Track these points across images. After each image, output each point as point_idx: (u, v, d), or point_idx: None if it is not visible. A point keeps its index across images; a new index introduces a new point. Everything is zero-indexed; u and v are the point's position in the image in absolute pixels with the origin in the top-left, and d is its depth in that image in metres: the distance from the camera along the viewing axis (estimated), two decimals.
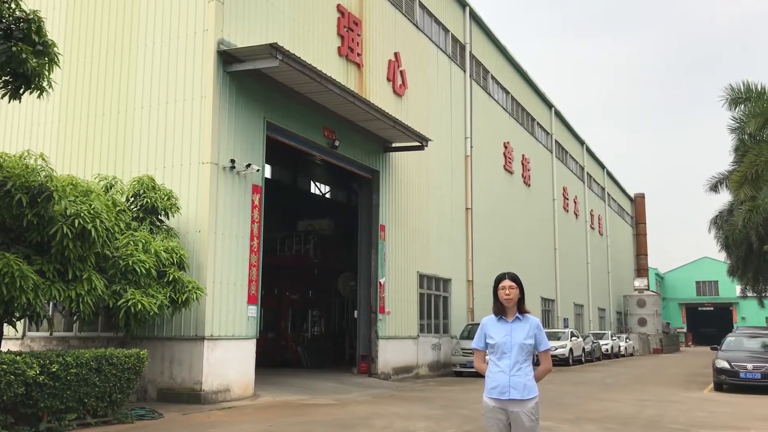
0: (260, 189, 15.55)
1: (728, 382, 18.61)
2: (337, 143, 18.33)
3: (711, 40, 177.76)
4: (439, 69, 25.86)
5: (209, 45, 14.43)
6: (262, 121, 15.75)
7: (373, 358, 20.07)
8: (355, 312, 21.37)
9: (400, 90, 22.36)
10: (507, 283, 5.06)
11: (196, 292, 12.60)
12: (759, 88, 21.69)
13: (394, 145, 21.17)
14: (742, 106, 22.60)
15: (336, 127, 18.45)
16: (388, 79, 21.71)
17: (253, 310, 15.02)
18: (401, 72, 22.50)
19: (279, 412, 12.71)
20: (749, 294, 57.25)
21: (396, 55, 22.23)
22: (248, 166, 14.86)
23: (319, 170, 32.34)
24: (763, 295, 54.03)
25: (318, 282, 29.35)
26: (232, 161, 14.57)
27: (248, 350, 14.78)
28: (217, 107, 14.33)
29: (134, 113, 15.27)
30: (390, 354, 20.57)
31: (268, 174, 28.90)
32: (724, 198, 48.24)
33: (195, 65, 14.57)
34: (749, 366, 18.31)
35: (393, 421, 11.65)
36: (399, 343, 21.22)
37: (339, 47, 19.08)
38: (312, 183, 35.26)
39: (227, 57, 14.59)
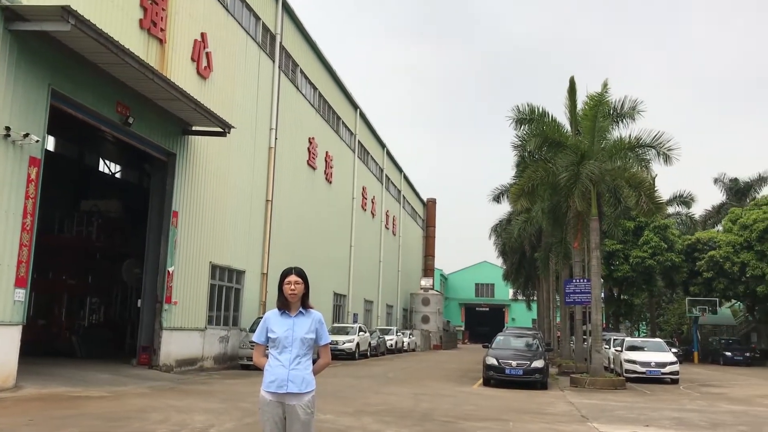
0: (39, 162, 14.20)
1: (495, 377, 20.25)
2: (131, 120, 17.26)
3: (517, 58, 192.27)
4: (247, 56, 25.34)
5: None
6: (47, 88, 14.39)
7: (155, 349, 19.19)
8: (139, 301, 20.32)
9: (205, 72, 21.59)
10: (293, 278, 5.07)
11: None
12: (540, 110, 23.73)
13: (194, 128, 20.39)
14: (526, 126, 24.56)
15: (131, 103, 17.36)
16: (193, 60, 20.87)
17: (21, 294, 13.69)
18: (207, 54, 21.72)
19: (43, 405, 11.70)
20: (520, 297, 63.12)
21: (203, 35, 21.42)
22: (26, 135, 13.49)
23: (109, 147, 30.27)
24: (531, 298, 59.79)
25: (100, 267, 27.61)
26: (7, 129, 13.14)
27: (12, 337, 13.44)
28: None
29: None
30: (174, 345, 19.79)
31: (50, 146, 26.60)
32: (504, 208, 52.77)
33: None
34: (513, 363, 20.05)
35: (170, 414, 11.20)
36: (184, 334, 20.49)
37: (141, 19, 17.96)
38: (101, 161, 32.98)
39: (10, 14, 13.14)
